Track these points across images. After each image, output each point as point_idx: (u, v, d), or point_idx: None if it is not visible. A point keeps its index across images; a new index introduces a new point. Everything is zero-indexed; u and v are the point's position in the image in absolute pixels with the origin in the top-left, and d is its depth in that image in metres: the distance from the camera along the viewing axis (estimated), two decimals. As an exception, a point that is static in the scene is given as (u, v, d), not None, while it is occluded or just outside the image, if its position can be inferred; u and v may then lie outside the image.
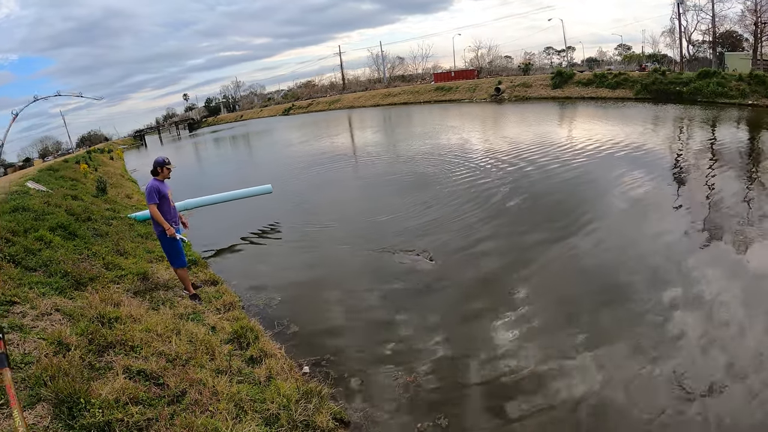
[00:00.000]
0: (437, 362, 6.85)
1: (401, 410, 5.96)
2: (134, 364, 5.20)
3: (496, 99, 56.07)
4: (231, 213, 16.78)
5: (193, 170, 34.82)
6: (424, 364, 6.84)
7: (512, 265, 9.86)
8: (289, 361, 6.85)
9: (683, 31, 54.33)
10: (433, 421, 5.68)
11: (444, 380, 6.46)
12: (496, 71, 75.10)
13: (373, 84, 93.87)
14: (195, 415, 4.51)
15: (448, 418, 5.72)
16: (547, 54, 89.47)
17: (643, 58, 67.61)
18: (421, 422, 5.69)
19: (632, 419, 5.44)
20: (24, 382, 4.40)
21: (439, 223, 13.04)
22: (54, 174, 22.97)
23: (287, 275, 10.69)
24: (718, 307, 7.55)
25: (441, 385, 6.36)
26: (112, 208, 15.94)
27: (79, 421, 4.00)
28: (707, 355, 6.45)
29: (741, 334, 6.83)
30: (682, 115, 29.40)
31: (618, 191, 14.05)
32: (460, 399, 6.08)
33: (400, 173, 20.78)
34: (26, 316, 5.86)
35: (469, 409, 5.90)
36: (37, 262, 7.82)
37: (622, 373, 6.24)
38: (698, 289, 8.17)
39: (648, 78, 42.83)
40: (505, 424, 5.56)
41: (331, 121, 59.64)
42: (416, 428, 5.61)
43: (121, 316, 6.36)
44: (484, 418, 5.70)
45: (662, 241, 10.23)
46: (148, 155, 58.61)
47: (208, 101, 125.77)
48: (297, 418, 5.10)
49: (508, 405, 5.87)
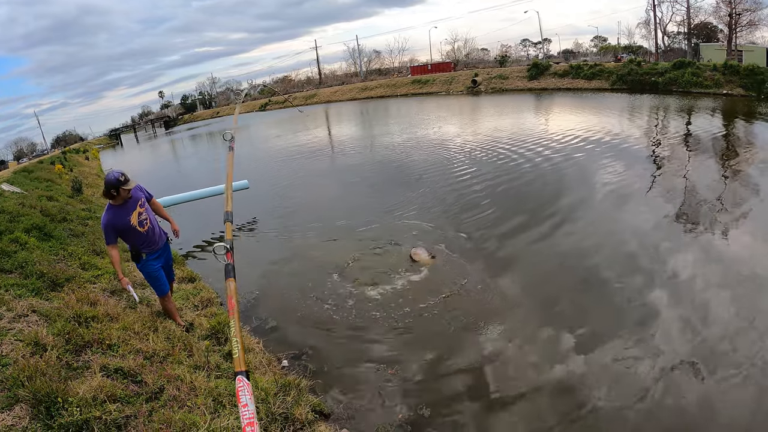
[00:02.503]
0: (418, 355, 6.94)
1: (382, 401, 6.06)
2: (112, 362, 5.23)
3: (472, 91, 56.26)
4: (207, 210, 16.70)
5: (171, 168, 34.58)
6: (405, 357, 6.93)
7: (490, 258, 10.01)
8: (267, 355, 6.92)
9: (658, 22, 54.95)
10: (415, 411, 5.78)
11: (426, 372, 6.56)
12: (472, 64, 75.12)
13: (350, 78, 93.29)
14: (173, 411, 4.56)
15: (430, 407, 5.83)
16: (523, 46, 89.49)
17: (618, 50, 67.99)
18: (403, 413, 5.80)
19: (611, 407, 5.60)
20: (1, 384, 4.41)
21: (423, 212, 13.17)
22: (29, 175, 22.75)
23: (265, 270, 10.74)
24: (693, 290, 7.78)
25: (423, 377, 6.46)
26: (88, 208, 15.82)
27: (57, 421, 4.03)
28: (675, 335, 6.65)
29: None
30: (657, 105, 29.86)
31: (596, 180, 14.26)
32: (442, 390, 6.18)
33: (376, 165, 20.91)
34: (2, 318, 5.83)
35: (451, 398, 6.00)
36: (13, 264, 7.75)
37: (600, 357, 6.42)
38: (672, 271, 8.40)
39: (623, 69, 43.37)
40: (491, 413, 5.69)
41: (308, 115, 59.38)
42: (398, 419, 5.71)
43: (98, 315, 6.37)
44: (467, 407, 5.82)
45: (638, 228, 10.46)
46: (124, 154, 58.06)
47: (184, 98, 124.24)
48: (276, 411, 5.17)
49: (492, 394, 6.00)
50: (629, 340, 6.71)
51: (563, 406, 5.62)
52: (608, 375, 6.08)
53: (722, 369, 5.95)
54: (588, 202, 12.54)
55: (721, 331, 6.69)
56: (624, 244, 9.79)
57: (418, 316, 7.95)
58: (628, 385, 5.86)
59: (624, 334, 6.87)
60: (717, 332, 6.69)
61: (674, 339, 6.63)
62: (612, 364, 6.28)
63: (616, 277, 8.52)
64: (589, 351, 6.57)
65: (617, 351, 6.52)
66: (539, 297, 8.22)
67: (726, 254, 8.97)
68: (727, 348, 6.33)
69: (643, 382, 5.87)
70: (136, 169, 36.79)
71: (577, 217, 11.55)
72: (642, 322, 7.08)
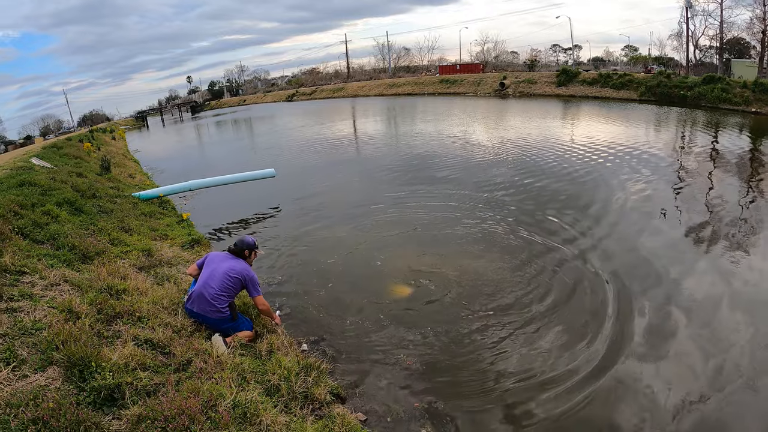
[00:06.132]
0: (438, 349, 6.98)
1: (398, 390, 6.14)
2: (142, 333, 5.39)
3: (500, 94, 55.84)
4: (233, 195, 16.95)
5: (196, 152, 34.94)
6: (424, 350, 6.98)
7: (507, 261, 10.06)
8: (288, 338, 7.03)
9: (690, 35, 54.18)
10: (429, 404, 5.85)
11: (444, 366, 6.60)
12: (501, 66, 74.52)
13: (378, 74, 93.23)
14: (201, 382, 4.69)
15: (444, 400, 5.89)
16: (553, 51, 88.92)
17: (649, 60, 67.14)
18: (418, 402, 5.87)
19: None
20: (35, 346, 4.56)
21: (441, 202, 13.25)
22: (58, 152, 23.06)
23: (287, 258, 10.87)
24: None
25: (441, 371, 6.50)
26: (115, 186, 16.08)
27: (90, 383, 4.17)
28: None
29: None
30: (685, 119, 29.33)
31: (621, 192, 14.15)
32: (458, 383, 6.23)
33: (401, 163, 21.00)
34: (35, 285, 6.01)
35: (467, 392, 6.05)
36: (45, 236, 7.95)
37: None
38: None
39: (653, 80, 42.53)
40: (509, 414, 5.71)
41: (336, 109, 59.49)
42: (413, 407, 5.79)
43: (128, 288, 6.54)
44: (483, 402, 5.86)
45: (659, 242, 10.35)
46: (150, 136, 58.67)
47: (211, 84, 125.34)
48: (297, 389, 5.30)
49: (512, 393, 6.03)
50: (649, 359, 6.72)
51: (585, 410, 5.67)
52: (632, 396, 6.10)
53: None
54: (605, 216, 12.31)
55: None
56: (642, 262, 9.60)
57: (441, 309, 8.03)
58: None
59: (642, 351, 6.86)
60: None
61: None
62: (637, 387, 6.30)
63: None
64: (612, 363, 6.60)
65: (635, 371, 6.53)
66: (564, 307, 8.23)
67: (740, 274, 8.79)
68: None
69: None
70: (161, 150, 37.24)
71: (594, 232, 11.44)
72: (658, 345, 6.93)
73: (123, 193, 14.96)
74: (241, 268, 6.32)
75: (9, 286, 5.69)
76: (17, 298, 5.44)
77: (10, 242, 7.06)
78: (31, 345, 4.58)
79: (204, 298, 6.14)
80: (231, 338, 6.14)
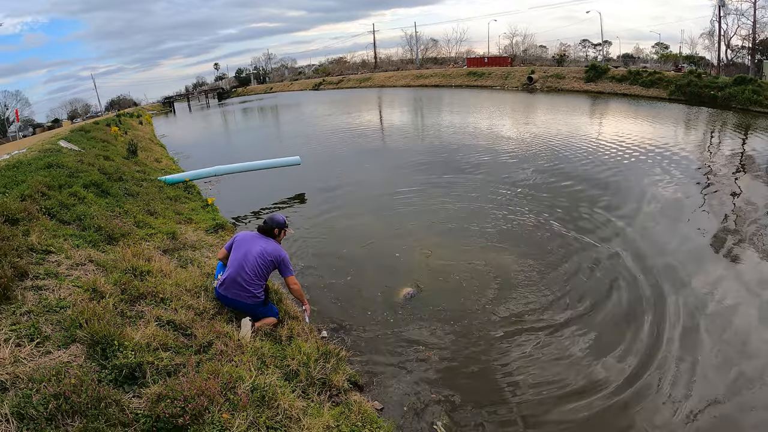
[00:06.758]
0: (457, 343, 6.93)
1: (415, 382, 6.12)
2: (164, 314, 5.45)
3: (527, 88, 55.13)
4: (258, 182, 17.08)
5: (222, 138, 35.21)
6: (442, 342, 6.94)
7: (531, 256, 9.95)
8: (309, 324, 7.04)
9: (722, 34, 52.77)
10: (447, 397, 5.81)
11: (464, 360, 6.54)
12: (529, 60, 73.35)
13: (405, 64, 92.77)
14: (221, 364, 4.73)
15: (462, 395, 5.85)
16: (582, 47, 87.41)
17: (679, 59, 65.59)
18: (436, 394, 5.85)
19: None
20: (59, 324, 4.62)
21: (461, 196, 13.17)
22: (85, 135, 23.34)
23: (309, 244, 10.91)
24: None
25: (459, 365, 6.45)
26: (142, 170, 16.26)
27: (112, 361, 4.22)
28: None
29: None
30: (715, 120, 28.51)
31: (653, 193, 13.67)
32: (477, 379, 6.16)
33: (427, 154, 20.91)
34: (61, 264, 6.09)
35: (487, 389, 5.98)
36: (71, 216, 8.06)
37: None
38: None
39: (683, 79, 41.35)
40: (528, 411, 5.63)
41: (362, 98, 59.39)
42: (431, 398, 5.77)
43: (152, 270, 6.60)
44: (503, 400, 5.78)
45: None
46: (177, 121, 59.24)
47: (238, 72, 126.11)
48: (315, 375, 5.30)
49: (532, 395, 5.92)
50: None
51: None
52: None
53: None
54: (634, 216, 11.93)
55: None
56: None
57: (463, 305, 7.94)
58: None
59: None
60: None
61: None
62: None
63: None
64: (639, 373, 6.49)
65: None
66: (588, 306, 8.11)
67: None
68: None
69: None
70: (188, 136, 37.57)
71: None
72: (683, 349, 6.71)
73: (149, 176, 15.12)
74: (272, 249, 6.27)
75: (35, 264, 5.77)
76: (43, 277, 5.51)
77: (38, 222, 7.15)
78: (55, 322, 4.63)
79: (238, 283, 6.06)
80: (260, 323, 6.14)
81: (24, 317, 4.57)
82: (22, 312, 4.63)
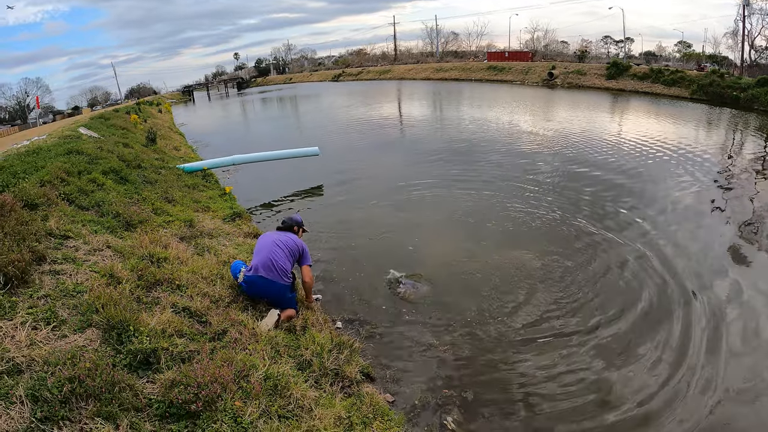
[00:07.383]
0: (471, 339, 6.83)
1: (427, 376, 6.06)
2: (180, 301, 5.48)
3: (548, 84, 54.52)
4: (276, 171, 17.13)
5: (241, 128, 35.34)
6: (456, 338, 6.86)
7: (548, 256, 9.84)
8: (324, 315, 7.04)
9: (746, 34, 51.73)
10: (459, 393, 5.75)
11: (478, 357, 6.45)
12: (550, 56, 72.41)
13: (425, 57, 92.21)
14: (235, 352, 4.74)
15: (475, 390, 5.79)
16: (604, 43, 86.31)
17: (702, 58, 64.50)
18: (448, 389, 5.81)
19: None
20: (76, 308, 4.65)
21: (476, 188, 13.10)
22: (105, 122, 23.54)
23: (325, 236, 10.89)
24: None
25: (473, 362, 6.36)
26: (161, 158, 16.38)
27: (127, 347, 4.24)
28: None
29: None
30: (737, 121, 27.78)
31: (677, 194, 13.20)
32: (491, 377, 6.06)
33: (446, 147, 20.79)
34: (79, 250, 6.14)
35: (500, 387, 5.89)
36: (90, 202, 8.14)
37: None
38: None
39: (705, 79, 40.44)
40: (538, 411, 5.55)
41: (382, 90, 59.22)
42: (442, 393, 5.72)
43: (168, 257, 6.64)
44: (515, 398, 5.70)
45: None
46: (196, 110, 59.58)
47: (258, 62, 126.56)
48: (328, 366, 5.29)
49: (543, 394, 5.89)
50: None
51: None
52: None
53: None
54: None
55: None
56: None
57: (478, 301, 7.82)
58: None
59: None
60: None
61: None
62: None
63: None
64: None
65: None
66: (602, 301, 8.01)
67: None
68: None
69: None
70: (207, 125, 37.76)
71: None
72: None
73: (168, 164, 15.21)
74: (296, 238, 6.83)
75: (53, 249, 5.82)
76: (61, 261, 5.57)
77: (56, 207, 7.23)
78: (72, 307, 4.67)
79: (273, 263, 6.27)
80: (284, 316, 6.20)
81: (41, 301, 4.61)
82: (39, 296, 4.67)
